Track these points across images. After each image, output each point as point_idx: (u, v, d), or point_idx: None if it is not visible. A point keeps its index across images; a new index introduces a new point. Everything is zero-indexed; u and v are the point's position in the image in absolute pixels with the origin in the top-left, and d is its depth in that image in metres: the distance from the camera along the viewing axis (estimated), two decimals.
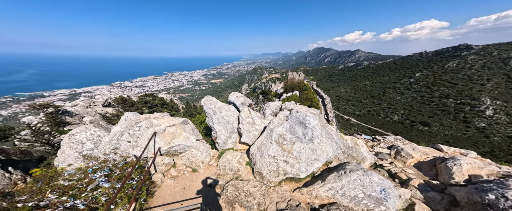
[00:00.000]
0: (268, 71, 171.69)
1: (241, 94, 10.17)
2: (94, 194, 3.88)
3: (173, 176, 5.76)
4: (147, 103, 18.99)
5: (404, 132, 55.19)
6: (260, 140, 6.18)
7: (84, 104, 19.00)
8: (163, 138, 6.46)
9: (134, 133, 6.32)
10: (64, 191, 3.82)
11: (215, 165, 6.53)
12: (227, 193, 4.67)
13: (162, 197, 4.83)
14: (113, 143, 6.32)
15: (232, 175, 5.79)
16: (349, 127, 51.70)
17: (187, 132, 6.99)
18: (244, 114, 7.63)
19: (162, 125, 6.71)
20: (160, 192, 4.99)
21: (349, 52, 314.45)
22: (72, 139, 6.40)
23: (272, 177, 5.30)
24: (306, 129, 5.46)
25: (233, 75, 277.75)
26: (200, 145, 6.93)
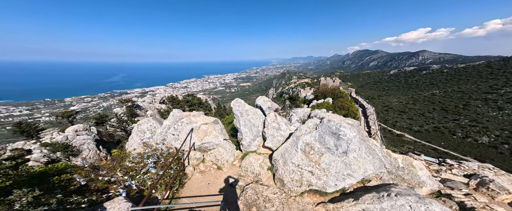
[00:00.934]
0: (297, 76, 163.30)
1: (268, 98, 10.11)
2: (144, 178, 4.81)
3: (201, 170, 6.30)
4: (188, 102, 22.14)
5: (498, 160, 37.92)
6: (284, 147, 5.94)
7: (148, 101, 24.23)
8: (198, 135, 7.15)
9: (177, 128, 7.27)
10: (127, 171, 4.92)
11: (238, 166, 6.73)
12: (246, 196, 4.71)
13: (190, 189, 5.32)
14: (162, 134, 7.47)
15: (253, 178, 5.80)
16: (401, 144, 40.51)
17: (216, 131, 7.57)
18: (270, 118, 7.54)
19: (198, 122, 7.44)
20: (189, 184, 5.52)
21: (408, 54, 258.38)
22: (139, 128, 8.09)
23: (293, 186, 4.99)
24: (339, 140, 4.85)
25: (260, 79, 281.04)
26: (226, 145, 7.35)
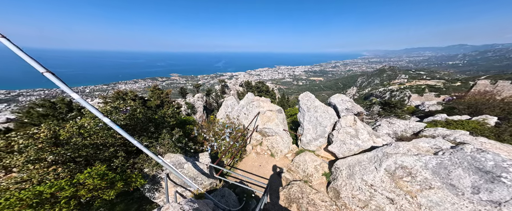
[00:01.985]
0: (409, 75, 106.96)
1: (348, 97, 8.04)
2: (221, 143, 6.42)
3: (257, 152, 6.97)
4: (258, 88, 24.88)
5: None
6: (357, 158, 4.85)
7: (233, 83, 31.20)
8: (262, 119, 7.79)
9: (248, 109, 8.33)
10: (213, 134, 6.87)
11: (290, 159, 6.56)
12: (291, 190, 4.61)
13: (245, 164, 6.08)
14: (237, 111, 8.95)
15: (302, 176, 5.49)
16: None
17: (278, 120, 7.76)
18: (346, 121, 6.17)
19: (264, 107, 8.01)
20: (245, 160, 6.31)
21: None
22: (225, 103, 10.23)
23: (352, 204, 4.21)
24: (493, 184, 3.16)
25: (339, 74, 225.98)
26: (284, 135, 7.35)
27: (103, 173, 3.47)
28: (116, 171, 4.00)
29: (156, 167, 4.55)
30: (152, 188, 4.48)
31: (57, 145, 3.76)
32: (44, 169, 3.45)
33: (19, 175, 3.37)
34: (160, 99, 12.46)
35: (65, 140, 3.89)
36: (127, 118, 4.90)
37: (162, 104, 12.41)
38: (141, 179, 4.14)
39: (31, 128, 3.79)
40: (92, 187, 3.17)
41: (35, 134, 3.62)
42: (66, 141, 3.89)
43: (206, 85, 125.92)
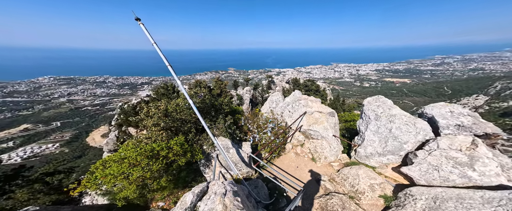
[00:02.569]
0: None
1: (467, 110, 5.33)
2: (262, 136, 6.81)
3: (296, 152, 6.63)
4: (306, 87, 22.81)
5: None
6: (456, 193, 3.39)
7: (279, 79, 31.01)
8: (307, 119, 7.26)
9: (294, 106, 8.04)
10: (257, 126, 7.41)
11: (335, 169, 5.75)
12: (329, 202, 4.12)
13: (282, 162, 5.95)
14: (282, 108, 8.89)
15: (348, 190, 4.69)
16: None
17: (328, 123, 6.90)
18: (451, 143, 4.34)
19: (312, 108, 7.44)
20: (282, 158, 6.16)
21: None
22: (271, 98, 10.51)
23: None
24: None
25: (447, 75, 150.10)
26: (333, 141, 6.48)
27: (182, 142, 4.67)
28: (188, 143, 5.16)
29: (211, 147, 5.48)
30: (205, 164, 5.43)
31: (166, 116, 5.35)
32: (158, 132, 5.05)
33: (147, 133, 5.32)
34: (220, 89, 15.26)
35: (169, 113, 5.43)
36: (200, 102, 6.26)
37: (221, 93, 15.14)
38: (201, 154, 5.12)
39: (157, 102, 5.58)
40: (175, 152, 4.34)
41: (159, 106, 5.40)
42: (170, 113, 5.45)
43: (254, 79, 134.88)
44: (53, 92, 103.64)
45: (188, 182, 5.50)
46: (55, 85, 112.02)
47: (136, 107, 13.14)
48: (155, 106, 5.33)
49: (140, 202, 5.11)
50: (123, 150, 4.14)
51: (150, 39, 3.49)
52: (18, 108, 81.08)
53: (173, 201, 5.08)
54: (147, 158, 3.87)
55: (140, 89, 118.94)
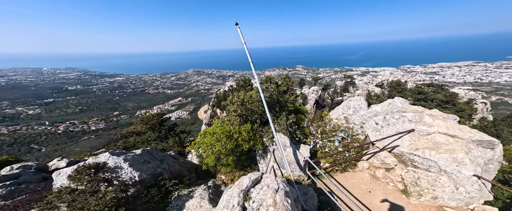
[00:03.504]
0: None
1: None
2: (326, 144, 5.81)
3: (373, 175, 4.90)
4: (420, 94, 14.59)
5: None
6: None
7: (366, 80, 23.41)
8: (415, 141, 4.98)
9: (387, 119, 5.95)
10: (321, 132, 6.46)
11: None
12: None
13: (345, 179, 4.74)
14: (363, 117, 7.07)
15: None
16: None
17: (469, 157, 4.22)
18: None
19: (432, 128, 4.96)
20: (348, 175, 4.88)
21: None
22: (347, 103, 8.69)
23: None
24: None
25: None
26: (466, 182, 3.97)
27: (249, 130, 5.38)
28: (253, 132, 5.78)
29: (270, 141, 5.71)
30: (261, 154, 5.76)
31: (242, 105, 6.55)
32: (235, 117, 6.32)
33: (228, 116, 7.08)
34: (287, 86, 15.51)
35: (244, 102, 6.55)
36: (268, 96, 6.79)
37: (287, 90, 15.33)
38: (260, 145, 5.56)
39: (238, 92, 7.25)
40: (243, 137, 5.13)
41: (239, 96, 6.77)
42: (244, 103, 6.55)
43: (325, 79, 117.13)
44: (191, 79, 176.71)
45: (245, 166, 6.17)
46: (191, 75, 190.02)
47: (226, 93, 18.00)
48: (237, 95, 6.65)
49: (212, 171, 6.62)
50: (215, 126, 5.60)
51: (241, 40, 4.51)
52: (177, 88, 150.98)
53: (230, 178, 6.00)
54: (226, 137, 4.93)
55: (227, 80, 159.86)
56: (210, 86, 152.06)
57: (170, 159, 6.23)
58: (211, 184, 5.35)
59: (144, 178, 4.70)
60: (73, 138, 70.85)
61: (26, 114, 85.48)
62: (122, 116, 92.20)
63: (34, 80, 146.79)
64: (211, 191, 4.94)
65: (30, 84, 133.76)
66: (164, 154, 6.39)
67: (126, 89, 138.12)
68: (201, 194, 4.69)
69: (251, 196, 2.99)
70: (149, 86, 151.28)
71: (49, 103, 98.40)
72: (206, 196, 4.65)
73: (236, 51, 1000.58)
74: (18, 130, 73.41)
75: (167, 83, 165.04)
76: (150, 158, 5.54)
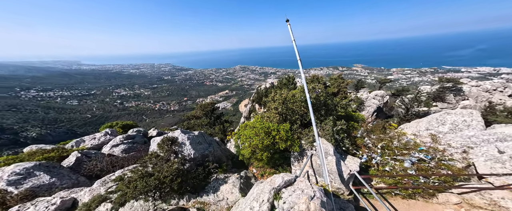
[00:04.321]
0: None
1: None
2: (389, 162, 4.38)
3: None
4: None
5: None
6: None
7: (488, 86, 14.74)
8: None
9: None
10: (383, 146, 4.98)
11: None
12: None
13: (408, 207, 3.78)
14: (472, 140, 4.89)
15: None
16: None
17: None
18: None
19: None
20: (416, 204, 3.80)
21: None
22: (439, 116, 6.21)
23: None
24: None
25: None
26: None
27: (287, 129, 5.28)
28: (291, 132, 5.61)
29: (310, 144, 5.31)
30: (297, 157, 5.46)
31: (283, 103, 6.51)
32: (274, 114, 6.42)
33: (267, 112, 7.23)
34: (338, 88, 13.22)
35: (286, 101, 6.44)
36: (314, 97, 6.29)
37: (339, 92, 13.06)
38: (298, 147, 5.30)
39: (281, 90, 7.23)
40: (280, 136, 5.10)
41: (282, 94, 6.70)
42: (286, 101, 6.46)
43: (400, 81, 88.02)
44: (237, 74, 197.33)
45: (277, 165, 6.13)
46: (238, 70, 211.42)
47: (267, 90, 18.39)
48: (280, 93, 6.66)
49: (246, 163, 7.05)
50: (255, 121, 6.03)
51: (291, 37, 4.32)
52: (226, 81, 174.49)
53: (261, 174, 6.14)
54: (264, 132, 5.12)
55: (269, 77, 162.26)
56: (252, 82, 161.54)
57: (215, 144, 7.28)
58: (243, 174, 5.75)
59: (196, 156, 5.84)
60: (161, 114, 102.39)
61: (143, 94, 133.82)
62: (188, 102, 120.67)
63: (149, 71, 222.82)
64: (243, 181, 5.30)
65: (147, 74, 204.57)
66: (211, 139, 7.56)
67: (193, 81, 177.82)
68: (233, 181, 5.14)
69: (281, 196, 2.96)
70: (206, 79, 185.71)
71: (154, 88, 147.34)
72: (237, 184, 5.05)
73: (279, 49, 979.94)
74: (138, 105, 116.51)
75: (219, 77, 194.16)
76: (202, 140, 6.72)
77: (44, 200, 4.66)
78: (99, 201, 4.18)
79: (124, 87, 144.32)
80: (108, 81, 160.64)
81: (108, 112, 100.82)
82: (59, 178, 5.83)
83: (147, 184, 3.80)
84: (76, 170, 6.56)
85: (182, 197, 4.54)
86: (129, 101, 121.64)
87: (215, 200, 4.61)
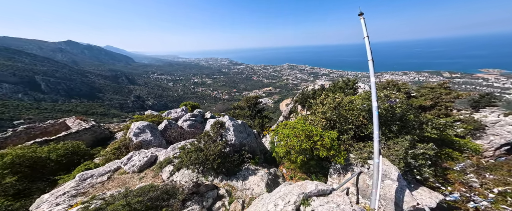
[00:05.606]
0: None
1: None
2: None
3: None
4: None
5: None
6: None
7: None
8: None
9: None
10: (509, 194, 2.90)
11: None
12: None
13: None
14: None
15: None
16: None
17: None
18: None
19: None
20: None
21: None
22: None
23: None
24: None
25: None
26: None
27: (334, 139, 4.65)
28: (338, 142, 4.94)
29: (361, 160, 4.34)
30: (337, 169, 4.70)
31: (335, 109, 5.57)
32: (320, 119, 5.75)
33: (312, 115, 6.43)
34: (434, 101, 8.93)
35: (339, 107, 5.51)
36: (385, 108, 4.94)
37: (434, 107, 8.85)
38: (342, 159, 4.50)
39: (333, 94, 6.16)
40: (323, 143, 4.57)
41: (336, 98, 5.74)
42: (339, 108, 5.55)
43: None
44: (284, 72, 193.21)
45: (310, 172, 5.65)
46: (285, 68, 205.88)
47: (315, 92, 16.49)
48: (332, 97, 5.78)
49: (277, 161, 6.90)
50: (297, 121, 5.74)
51: (364, 33, 3.48)
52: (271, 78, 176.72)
53: (290, 176, 5.84)
54: (305, 135, 4.80)
55: (319, 78, 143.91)
56: (299, 82, 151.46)
57: (253, 136, 7.71)
58: (272, 171, 5.76)
59: (236, 143, 6.50)
60: (215, 101, 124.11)
61: (207, 83, 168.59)
62: (236, 93, 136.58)
63: (213, 64, 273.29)
64: (270, 177, 5.33)
65: (212, 66, 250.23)
66: (250, 130, 8.07)
67: (243, 75, 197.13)
68: (262, 175, 5.26)
69: (310, 203, 2.81)
70: (254, 74, 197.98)
71: (214, 78, 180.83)
72: (265, 179, 5.14)
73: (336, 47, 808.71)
74: (203, 90, 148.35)
75: (266, 73, 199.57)
76: (243, 130, 7.33)
77: (142, 152, 6.69)
78: (167, 162, 5.71)
79: (197, 76, 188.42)
80: (189, 71, 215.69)
81: (185, 94, 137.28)
82: (154, 138, 8.61)
83: (198, 157, 4.78)
84: (163, 134, 9.49)
85: (217, 176, 5.23)
86: (198, 87, 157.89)
87: (241, 187, 4.98)
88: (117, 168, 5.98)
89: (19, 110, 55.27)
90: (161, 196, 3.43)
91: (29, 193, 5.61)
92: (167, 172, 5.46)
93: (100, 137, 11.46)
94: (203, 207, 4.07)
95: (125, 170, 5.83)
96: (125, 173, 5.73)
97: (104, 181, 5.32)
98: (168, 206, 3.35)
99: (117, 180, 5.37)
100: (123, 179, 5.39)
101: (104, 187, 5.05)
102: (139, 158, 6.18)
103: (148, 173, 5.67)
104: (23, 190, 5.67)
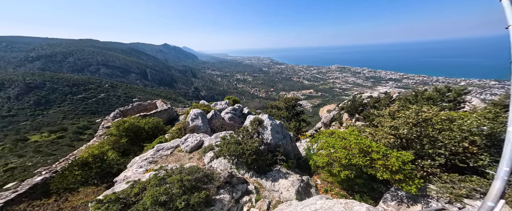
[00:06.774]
0: None
1: None
2: None
3: None
4: None
5: None
6: None
7: None
8: None
9: None
10: None
11: None
12: None
13: None
14: None
15: None
16: None
17: None
18: None
19: None
20: None
21: None
22: None
23: None
24: None
25: None
26: None
27: (405, 162, 3.45)
28: (410, 165, 3.60)
29: (452, 196, 3.01)
30: (397, 196, 3.69)
31: (416, 125, 4.06)
32: (387, 134, 4.45)
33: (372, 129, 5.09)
34: None
35: (422, 122, 3.98)
36: None
37: None
38: (415, 188, 3.31)
39: (411, 105, 4.64)
40: (388, 164, 3.47)
41: (419, 112, 4.14)
42: (421, 123, 3.99)
43: None
44: (330, 75, 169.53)
45: (354, 191, 4.76)
46: (333, 70, 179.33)
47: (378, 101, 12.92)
48: (416, 110, 4.27)
49: (312, 169, 6.12)
50: (349, 132, 4.79)
51: (508, 21, 2.13)
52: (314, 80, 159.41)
53: (325, 189, 5.08)
54: (359, 150, 3.86)
55: (383, 84, 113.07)
56: (349, 86, 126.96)
57: (288, 139, 7.21)
58: (305, 179, 5.24)
59: (271, 143, 6.32)
60: (253, 98, 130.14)
61: (247, 80, 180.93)
62: (273, 93, 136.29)
63: (255, 62, 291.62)
64: (302, 185, 4.89)
65: (253, 64, 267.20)
66: (287, 132, 7.59)
67: (282, 74, 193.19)
68: (293, 181, 4.87)
69: None
70: (295, 75, 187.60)
71: (255, 76, 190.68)
72: (297, 185, 4.72)
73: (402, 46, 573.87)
74: (243, 87, 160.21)
75: (308, 74, 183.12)
76: (280, 130, 7.04)
77: (194, 135, 7.80)
78: (210, 149, 6.38)
79: (240, 73, 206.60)
80: (234, 68, 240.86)
81: (229, 88, 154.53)
82: (203, 125, 10.11)
83: (235, 150, 5.04)
84: (209, 122, 11.00)
85: (248, 171, 5.30)
86: (239, 83, 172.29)
87: (270, 188, 4.79)
88: (177, 146, 7.45)
89: (136, 92, 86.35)
90: (202, 178, 3.88)
91: (129, 153, 8.27)
92: (208, 158, 6.11)
93: (171, 117, 15.14)
94: (232, 198, 4.24)
95: (181, 149, 7.13)
96: (181, 151, 7.04)
97: (168, 155, 6.82)
98: (206, 189, 3.73)
99: (175, 156, 6.75)
100: (179, 156, 6.69)
101: (167, 160, 6.48)
102: (192, 140, 7.35)
103: (195, 155, 6.64)
104: (128, 150, 8.43)
